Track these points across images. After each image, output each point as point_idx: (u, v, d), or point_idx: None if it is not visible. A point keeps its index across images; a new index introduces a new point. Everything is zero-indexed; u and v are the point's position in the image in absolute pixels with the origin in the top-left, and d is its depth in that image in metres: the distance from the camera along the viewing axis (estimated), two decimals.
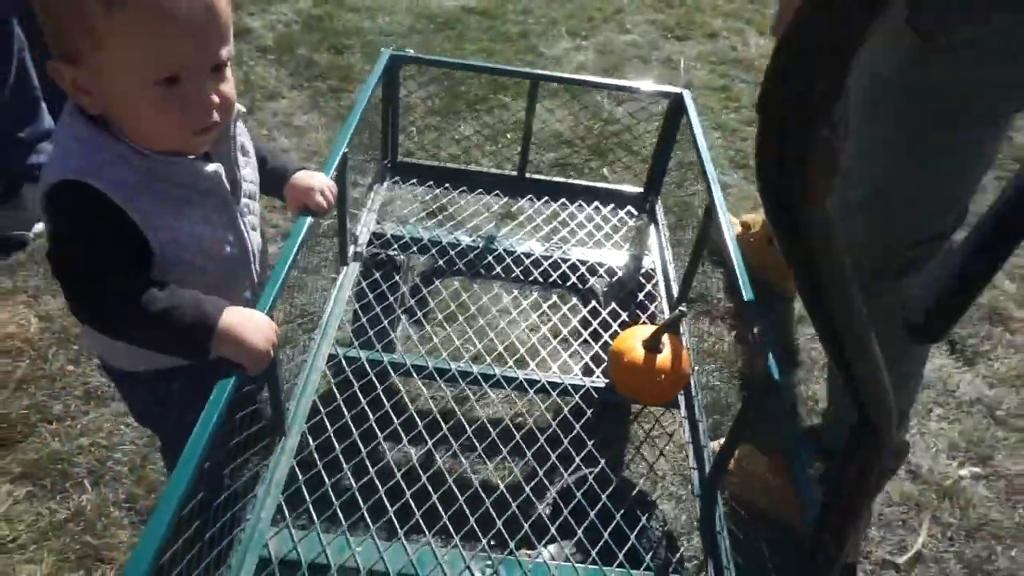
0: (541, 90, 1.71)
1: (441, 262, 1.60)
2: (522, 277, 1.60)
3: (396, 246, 1.59)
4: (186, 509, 0.77)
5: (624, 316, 1.51)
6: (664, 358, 1.29)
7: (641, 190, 1.80)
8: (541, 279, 1.60)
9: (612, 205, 1.76)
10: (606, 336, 1.47)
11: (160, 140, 0.84)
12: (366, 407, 1.25)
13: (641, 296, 1.58)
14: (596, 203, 1.75)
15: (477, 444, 1.29)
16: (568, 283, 1.62)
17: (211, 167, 0.90)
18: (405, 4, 3.44)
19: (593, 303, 1.56)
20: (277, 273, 0.97)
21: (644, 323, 1.48)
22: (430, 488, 1.17)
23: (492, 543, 1.15)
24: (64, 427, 1.56)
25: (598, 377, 1.40)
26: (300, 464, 1.14)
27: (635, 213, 1.76)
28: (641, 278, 1.63)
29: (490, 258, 1.60)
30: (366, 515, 1.12)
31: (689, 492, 1.37)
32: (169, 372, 1.02)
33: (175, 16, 0.75)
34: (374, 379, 1.31)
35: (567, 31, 3.41)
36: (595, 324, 1.49)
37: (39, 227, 1.99)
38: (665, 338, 1.30)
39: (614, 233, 1.69)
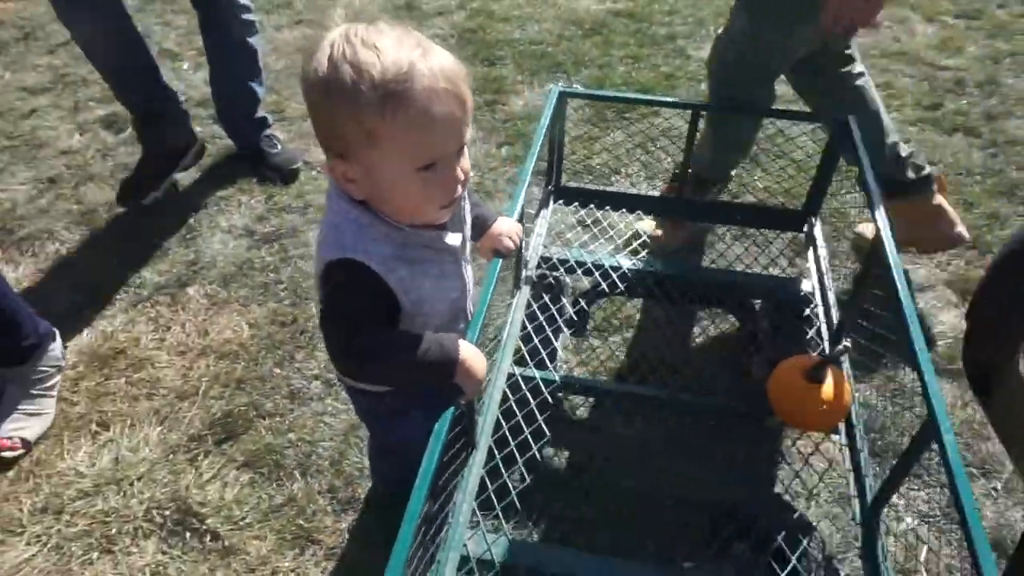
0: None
1: (604, 284, 1.71)
2: (679, 298, 1.67)
3: (562, 269, 1.71)
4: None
5: (781, 340, 1.56)
6: (826, 389, 1.33)
7: (799, 210, 1.81)
8: (698, 300, 1.67)
9: (770, 227, 1.79)
10: (761, 359, 1.52)
11: (415, 216, 0.99)
12: (542, 424, 1.39)
13: (799, 320, 1.62)
14: (753, 223, 1.79)
15: (642, 460, 1.40)
16: (725, 305, 1.68)
17: (451, 238, 1.06)
18: (553, 12, 3.54)
19: (750, 326, 1.61)
20: (478, 317, 1.11)
21: (807, 351, 1.52)
22: (599, 500, 1.30)
23: (657, 554, 1.26)
24: (275, 422, 1.81)
25: (756, 401, 1.46)
26: (488, 473, 1.30)
27: (793, 235, 1.79)
28: (799, 302, 1.66)
29: (649, 281, 1.69)
30: (543, 523, 1.27)
31: (849, 518, 1.41)
32: (386, 392, 1.20)
33: (437, 116, 0.89)
34: (548, 397, 1.45)
35: (715, 31, 3.38)
36: (752, 348, 1.55)
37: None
38: (827, 368, 1.34)
39: (772, 256, 1.73)
